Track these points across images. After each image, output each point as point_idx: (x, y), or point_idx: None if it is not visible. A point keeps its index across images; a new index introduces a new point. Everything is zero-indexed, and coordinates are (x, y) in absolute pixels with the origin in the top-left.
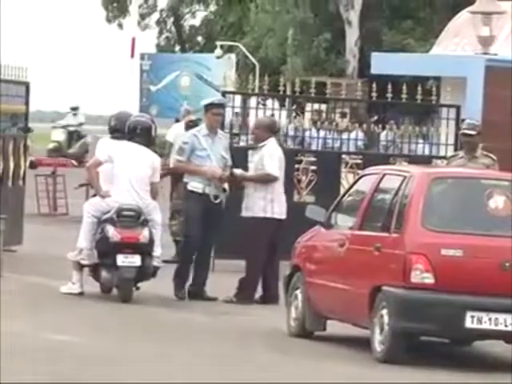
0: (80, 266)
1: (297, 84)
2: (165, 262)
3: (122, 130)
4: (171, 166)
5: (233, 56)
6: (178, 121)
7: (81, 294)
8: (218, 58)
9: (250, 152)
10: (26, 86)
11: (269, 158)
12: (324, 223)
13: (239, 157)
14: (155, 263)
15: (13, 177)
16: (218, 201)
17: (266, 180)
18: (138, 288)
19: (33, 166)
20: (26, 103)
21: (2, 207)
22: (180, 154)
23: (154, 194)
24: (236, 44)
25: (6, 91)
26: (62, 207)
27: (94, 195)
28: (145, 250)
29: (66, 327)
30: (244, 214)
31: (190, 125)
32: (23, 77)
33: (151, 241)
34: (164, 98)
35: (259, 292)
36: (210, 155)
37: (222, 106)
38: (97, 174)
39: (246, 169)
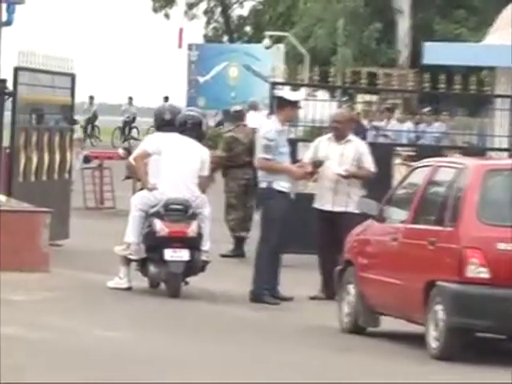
0: (127, 261)
1: (347, 74)
2: (223, 256)
3: (174, 123)
4: (256, 164)
5: (282, 46)
6: (227, 112)
7: (128, 289)
8: (267, 48)
9: (299, 144)
10: (72, 77)
11: (367, 154)
12: (376, 217)
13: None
14: (204, 257)
15: (59, 170)
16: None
17: (368, 178)
18: (186, 283)
19: (87, 160)
20: (72, 95)
21: (48, 201)
22: (267, 151)
23: (203, 188)
24: (285, 34)
25: (51, 83)
26: (109, 200)
27: (142, 188)
28: (193, 244)
29: (115, 324)
30: (333, 208)
31: (236, 115)
32: (69, 68)
33: (200, 235)
34: (212, 89)
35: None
36: (288, 151)
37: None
38: (144, 166)
39: (293, 162)
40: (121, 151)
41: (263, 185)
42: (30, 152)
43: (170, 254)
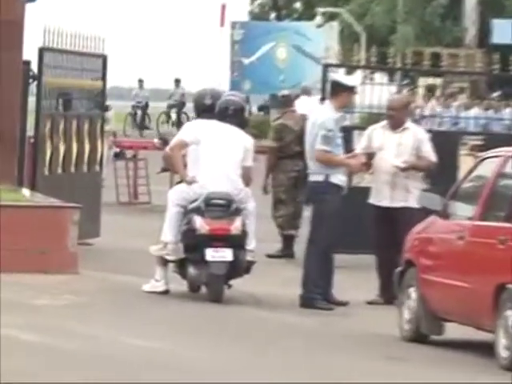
0: (164, 262)
1: (408, 55)
2: (270, 256)
3: (215, 109)
4: (316, 156)
5: (335, 24)
6: (274, 97)
7: (165, 292)
8: (319, 26)
9: (354, 133)
10: (103, 58)
11: (427, 142)
12: (440, 212)
13: (344, 138)
14: (249, 258)
15: (88, 161)
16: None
17: (429, 169)
18: (229, 286)
19: (118, 156)
20: (103, 78)
21: (77, 196)
22: (326, 143)
23: (247, 180)
24: (339, 11)
25: (80, 65)
26: (144, 195)
27: (180, 182)
28: (237, 242)
29: (149, 331)
30: (391, 204)
31: (283, 100)
32: (100, 49)
33: (244, 232)
34: (258, 71)
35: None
36: (341, 142)
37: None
38: (181, 157)
39: (348, 151)
40: (156, 141)
41: (319, 178)
42: (56, 141)
43: (211, 254)
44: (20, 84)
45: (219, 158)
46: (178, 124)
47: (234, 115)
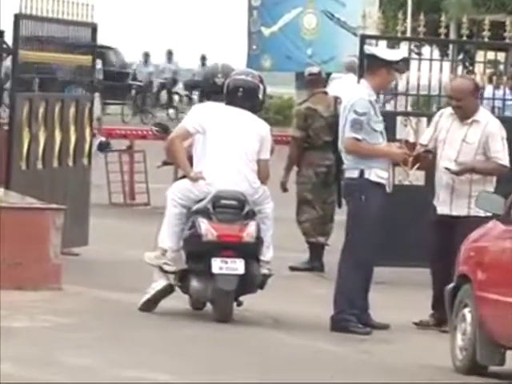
0: (163, 272)
1: (464, 25)
2: (294, 269)
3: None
4: (345, 146)
5: None
6: (300, 76)
7: (170, 288)
8: None
9: (398, 119)
10: (93, 28)
11: (497, 139)
12: (502, 217)
13: (386, 124)
14: (264, 270)
15: (74, 154)
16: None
17: (497, 173)
18: (239, 303)
19: (103, 147)
20: (93, 52)
21: (60, 195)
22: (357, 129)
23: (264, 176)
24: None
25: (65, 35)
26: (142, 195)
27: (183, 177)
28: (250, 252)
29: (145, 360)
30: (451, 211)
31: (312, 80)
32: (88, 16)
33: (259, 240)
34: (281, 44)
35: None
36: (382, 129)
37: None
38: (184, 149)
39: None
40: (153, 128)
41: (353, 174)
42: (35, 129)
43: (218, 266)
44: None
45: (229, 149)
46: (169, 106)
47: (245, 97)
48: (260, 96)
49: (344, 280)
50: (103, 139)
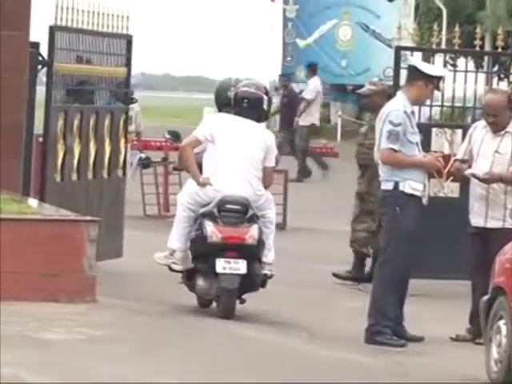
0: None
1: (499, 36)
2: (335, 276)
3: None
4: (380, 157)
5: None
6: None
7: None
8: (391, 1)
9: (433, 131)
10: (128, 40)
11: None
12: None
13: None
14: (266, 271)
15: (109, 165)
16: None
17: None
18: (242, 301)
19: (146, 163)
20: (128, 64)
21: (94, 206)
22: (394, 140)
23: (268, 183)
24: None
25: (100, 47)
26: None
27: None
28: (252, 253)
29: (182, 369)
30: (485, 224)
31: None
32: (123, 28)
33: (261, 242)
34: (316, 55)
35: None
36: (418, 140)
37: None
38: (193, 157)
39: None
40: (167, 136)
41: (389, 186)
42: (70, 141)
43: (222, 266)
44: (26, 71)
45: (236, 158)
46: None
47: (250, 108)
48: (265, 106)
49: (379, 292)
50: (142, 155)
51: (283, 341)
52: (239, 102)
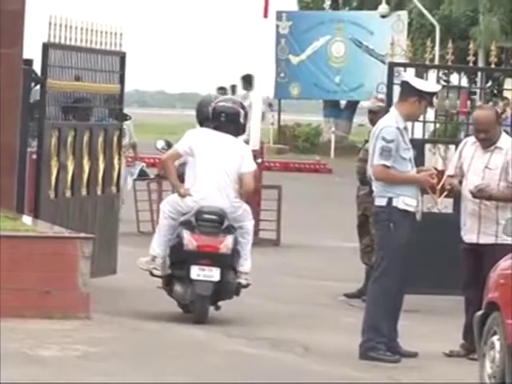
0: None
1: (492, 52)
2: (347, 296)
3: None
4: (373, 173)
5: (404, 14)
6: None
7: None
8: (384, 17)
9: (427, 147)
10: (121, 57)
11: None
12: None
13: (415, 152)
14: (242, 280)
15: (103, 182)
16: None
17: None
18: (218, 307)
19: (143, 174)
20: (121, 81)
21: (88, 223)
22: (387, 156)
23: (248, 187)
24: None
25: (93, 64)
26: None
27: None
28: (226, 262)
29: None
30: (478, 239)
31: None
32: (117, 45)
33: (235, 252)
34: (309, 72)
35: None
36: (411, 157)
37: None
38: (174, 169)
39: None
40: (159, 145)
41: (381, 202)
42: (64, 158)
43: (196, 273)
44: (19, 87)
45: (214, 171)
46: None
47: (227, 122)
48: (241, 120)
49: (372, 308)
50: (144, 165)
51: (279, 356)
52: (217, 117)
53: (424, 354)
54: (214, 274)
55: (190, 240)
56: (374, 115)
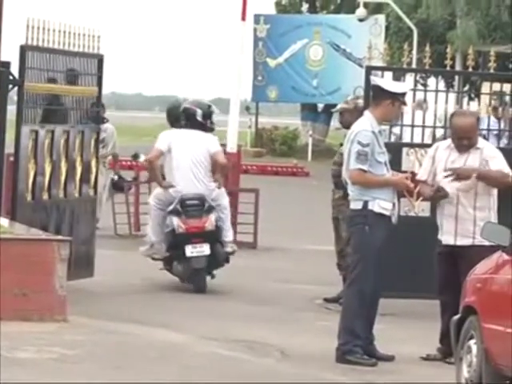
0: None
1: (470, 56)
2: (326, 300)
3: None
4: (350, 178)
5: (381, 18)
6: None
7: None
8: (361, 20)
9: (404, 151)
10: (99, 59)
11: (498, 158)
12: (509, 248)
13: (392, 155)
14: (228, 249)
15: (80, 185)
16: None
17: (503, 183)
18: (213, 276)
19: (119, 184)
20: (99, 83)
21: (65, 226)
22: (363, 161)
23: (222, 164)
24: (386, 1)
25: (70, 66)
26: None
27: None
28: (213, 237)
29: None
30: (455, 241)
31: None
32: (94, 48)
33: (218, 227)
34: (286, 75)
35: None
36: (386, 160)
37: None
38: (159, 167)
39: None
40: (142, 158)
41: (357, 205)
42: (41, 161)
43: (190, 250)
44: None
45: (188, 163)
46: None
47: (188, 120)
48: (199, 118)
49: (348, 311)
50: (115, 177)
51: (255, 359)
52: (184, 117)
53: (400, 357)
54: (204, 249)
55: (179, 225)
56: (341, 116)
